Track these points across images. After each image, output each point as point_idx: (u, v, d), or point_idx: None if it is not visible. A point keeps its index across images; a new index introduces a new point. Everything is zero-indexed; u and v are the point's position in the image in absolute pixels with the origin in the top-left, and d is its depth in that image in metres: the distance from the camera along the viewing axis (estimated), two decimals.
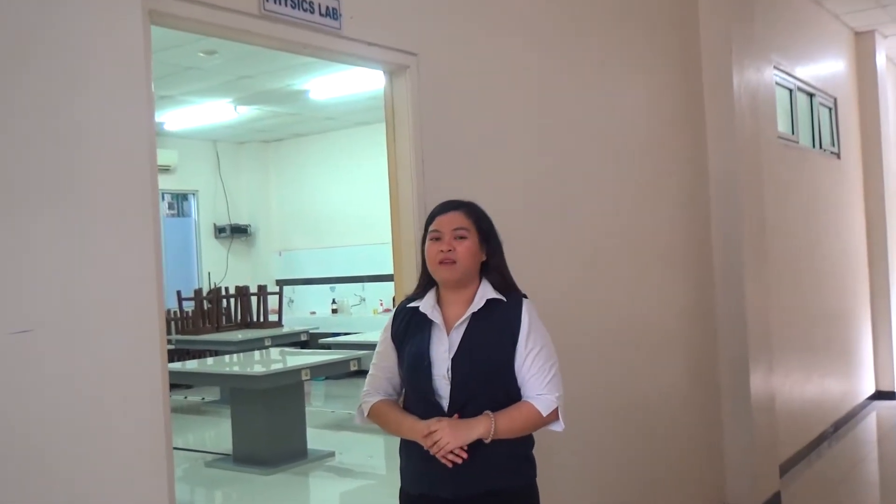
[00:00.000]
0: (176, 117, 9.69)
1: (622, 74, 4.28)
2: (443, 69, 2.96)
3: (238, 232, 11.64)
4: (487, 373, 2.28)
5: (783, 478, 5.48)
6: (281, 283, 11.49)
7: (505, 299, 2.33)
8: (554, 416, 2.30)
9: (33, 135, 1.67)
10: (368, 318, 10.57)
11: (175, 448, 7.22)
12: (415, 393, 2.35)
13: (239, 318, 10.13)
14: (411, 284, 2.74)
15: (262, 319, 10.10)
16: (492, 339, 2.29)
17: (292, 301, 11.65)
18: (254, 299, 10.18)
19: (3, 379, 1.58)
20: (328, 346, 8.23)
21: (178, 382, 9.54)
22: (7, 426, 1.59)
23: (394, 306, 2.79)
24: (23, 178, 1.64)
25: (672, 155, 4.72)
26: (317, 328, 10.12)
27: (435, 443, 2.19)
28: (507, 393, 2.30)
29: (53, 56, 1.72)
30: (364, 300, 11.06)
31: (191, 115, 9.56)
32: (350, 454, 7.07)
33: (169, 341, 9.88)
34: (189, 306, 10.34)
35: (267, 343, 9.08)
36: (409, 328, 2.38)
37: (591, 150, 3.95)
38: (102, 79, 1.80)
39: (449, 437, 2.19)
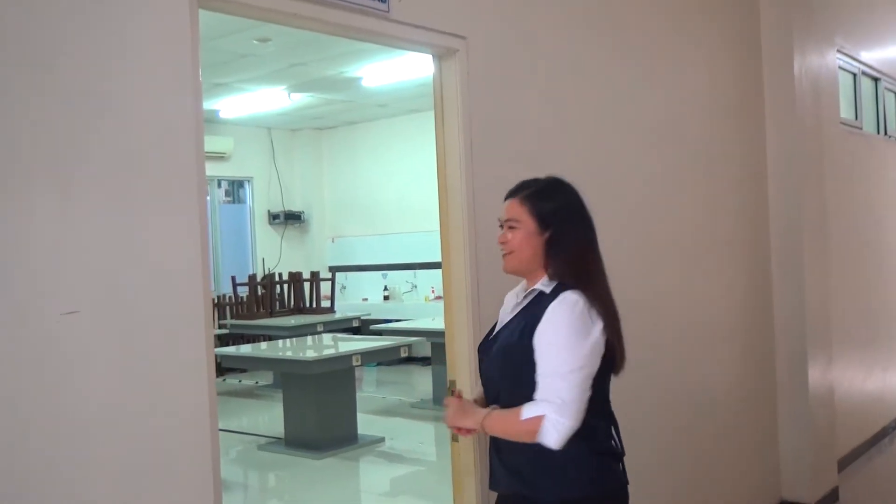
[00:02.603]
0: (231, 105, 9.80)
1: (680, 59, 4.18)
2: (493, 53, 2.92)
3: (292, 218, 11.75)
4: (501, 366, 2.15)
5: (842, 473, 5.33)
6: (333, 269, 11.57)
7: (548, 291, 2.11)
8: (535, 424, 2.00)
9: (80, 118, 1.68)
10: (420, 306, 10.58)
11: (228, 431, 7.36)
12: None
13: (292, 303, 10.23)
14: (459, 272, 2.72)
15: (314, 305, 10.18)
16: (515, 331, 2.13)
17: (345, 288, 11.72)
18: (307, 285, 10.26)
19: (53, 359, 1.59)
20: (380, 333, 8.27)
21: (233, 366, 9.72)
22: (55, 406, 1.61)
23: (443, 286, 2.78)
24: (69, 161, 1.65)
25: (730, 141, 4.60)
26: (368, 315, 10.17)
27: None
28: (530, 389, 2.07)
29: (101, 40, 1.73)
30: (416, 287, 11.07)
31: (245, 102, 9.65)
32: (401, 440, 7.10)
33: (223, 326, 10.05)
34: (244, 292, 10.48)
35: (319, 329, 9.16)
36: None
37: (647, 136, 3.87)
38: (149, 62, 1.80)
39: (449, 414, 2.17)
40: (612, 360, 2.11)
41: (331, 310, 10.25)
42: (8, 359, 1.52)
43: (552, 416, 1.98)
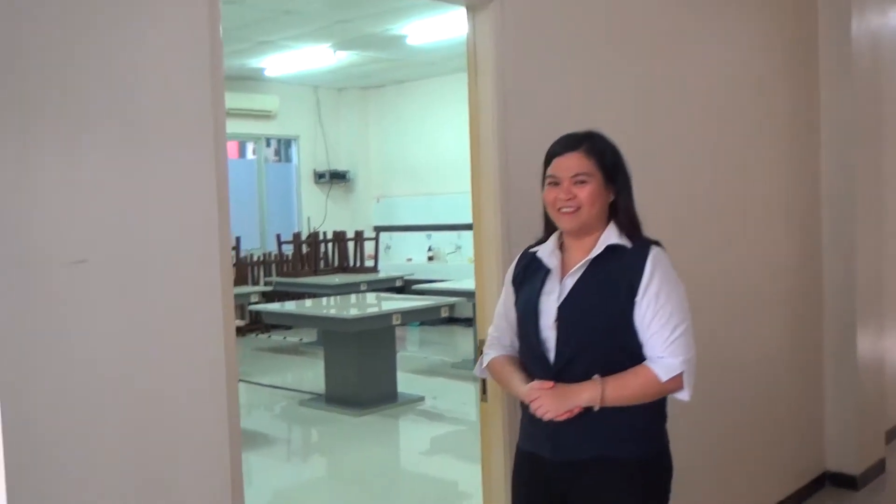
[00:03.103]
0: (276, 62, 9.78)
1: (729, 16, 4.01)
2: (529, 5, 2.81)
3: (337, 178, 11.76)
4: (596, 326, 2.07)
5: (889, 445, 5.20)
6: (378, 229, 11.58)
7: (630, 245, 2.11)
8: (676, 383, 2.05)
9: (90, 61, 1.64)
10: (464, 266, 10.55)
11: (272, 386, 7.45)
12: (524, 344, 2.21)
13: (336, 262, 10.27)
14: (491, 233, 2.65)
15: (358, 265, 10.22)
16: (606, 288, 2.07)
17: (389, 247, 11.74)
18: (351, 245, 10.29)
19: (58, 311, 1.58)
20: (422, 293, 8.27)
21: (276, 323, 9.83)
22: (63, 356, 1.60)
23: (474, 244, 2.73)
24: (79, 103, 1.62)
25: (781, 103, 4.43)
26: (412, 275, 10.18)
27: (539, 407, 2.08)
28: (625, 352, 2.07)
29: None
30: (460, 248, 11.03)
31: (291, 60, 9.62)
32: (441, 399, 7.12)
33: (268, 283, 10.15)
34: (288, 250, 10.56)
35: (362, 287, 9.20)
36: (527, 274, 2.24)
37: (692, 97, 3.73)
38: (164, 5, 1.76)
39: (549, 406, 2.05)
40: None
41: (374, 269, 10.28)
42: (9, 308, 1.50)
43: (689, 370, 2.06)
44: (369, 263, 10.40)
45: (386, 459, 5.70)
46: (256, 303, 8.76)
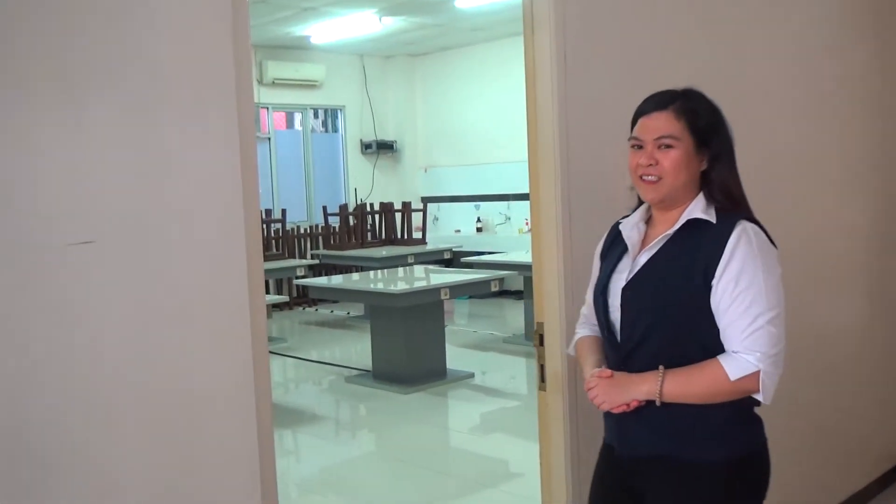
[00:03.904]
0: (321, 30, 9.58)
1: None
2: None
3: (384, 148, 11.57)
4: (664, 310, 1.84)
5: None
6: (426, 200, 11.38)
7: (715, 221, 1.84)
8: (750, 383, 1.76)
9: (96, 25, 1.44)
10: (513, 238, 10.33)
11: (319, 362, 7.34)
12: (599, 326, 2.02)
13: (383, 234, 10.12)
14: (549, 204, 2.41)
15: (406, 236, 10.05)
16: (679, 267, 1.83)
17: (437, 219, 11.54)
18: (398, 216, 10.12)
19: (61, 297, 1.39)
20: (471, 265, 8.07)
21: (322, 297, 9.73)
22: (68, 347, 1.41)
23: (530, 216, 2.50)
24: (83, 65, 1.41)
25: (860, 62, 4.07)
26: (461, 246, 9.99)
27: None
28: (698, 343, 1.82)
29: None
30: (509, 219, 10.80)
31: (336, 27, 9.41)
32: (491, 375, 6.93)
33: (314, 256, 10.04)
34: (335, 222, 10.43)
35: (410, 260, 9.03)
36: (611, 248, 2.05)
37: (765, 57, 3.41)
38: None
39: (604, 396, 1.87)
40: None
41: (422, 241, 10.09)
42: (9, 291, 1.32)
43: (769, 369, 1.75)
44: (417, 235, 10.22)
45: (435, 437, 5.53)
46: (303, 276, 8.65)
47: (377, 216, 10.26)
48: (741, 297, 1.76)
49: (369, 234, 10.22)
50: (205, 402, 1.58)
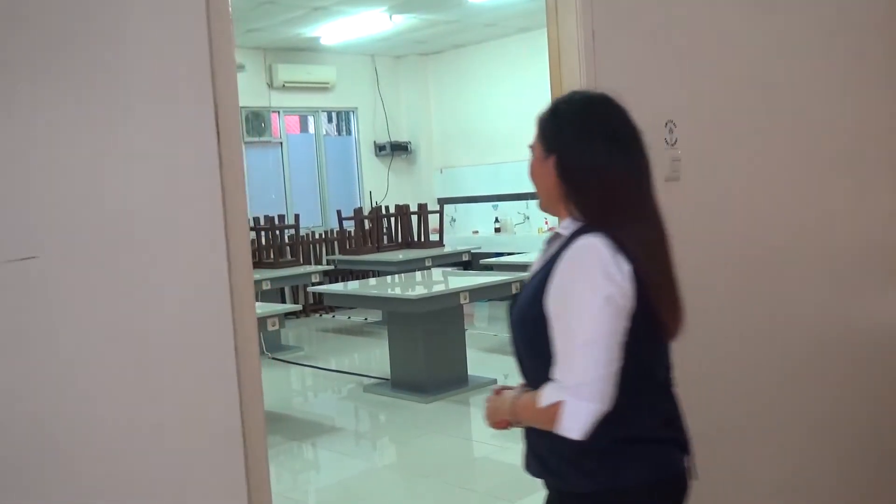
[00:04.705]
0: (331, 30, 9.38)
1: None
2: None
3: (398, 149, 11.36)
4: (520, 327, 1.72)
5: None
6: (442, 201, 11.17)
7: (568, 235, 1.65)
8: (553, 413, 1.58)
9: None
10: (533, 237, 10.09)
11: (336, 371, 7.15)
12: None
13: (400, 237, 9.91)
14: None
15: (422, 239, 9.83)
16: (532, 286, 1.69)
17: (454, 220, 11.32)
18: (414, 218, 9.90)
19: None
20: (490, 267, 7.83)
21: (337, 304, 9.52)
22: (9, 374, 1.18)
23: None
24: (22, 43, 1.19)
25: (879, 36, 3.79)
26: (479, 248, 9.76)
27: None
28: (547, 365, 1.65)
29: None
30: (528, 218, 10.56)
31: (346, 27, 9.21)
32: (514, 380, 6.65)
33: (330, 262, 9.83)
34: (350, 226, 10.23)
35: (427, 263, 8.81)
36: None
37: (807, 31, 3.15)
38: None
39: (486, 413, 1.84)
40: (652, 320, 1.62)
41: (440, 243, 9.87)
42: None
43: (571, 400, 1.57)
44: (434, 237, 9.99)
45: (457, 448, 5.29)
46: (318, 283, 8.44)
47: (393, 219, 10.05)
48: (558, 319, 1.60)
49: (385, 237, 10.00)
50: (178, 433, 1.35)
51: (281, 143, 10.63)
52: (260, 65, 10.16)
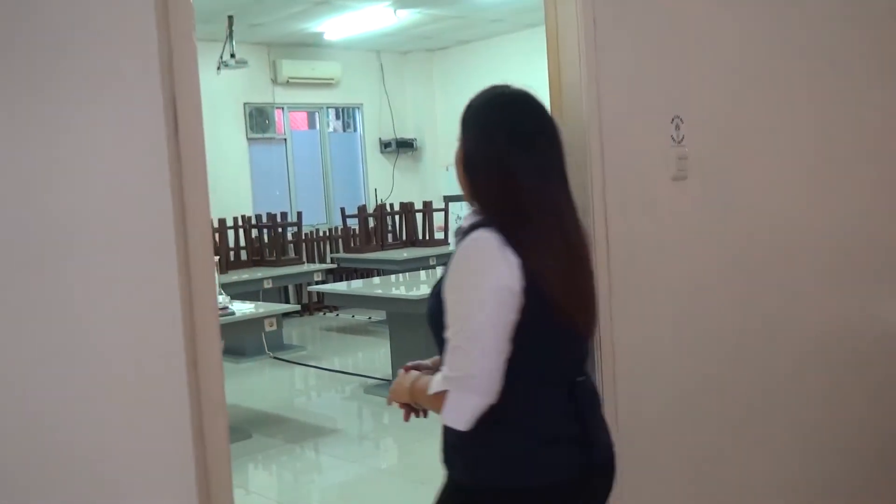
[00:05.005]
0: (335, 26, 9.26)
1: None
2: None
3: (404, 146, 11.23)
4: (431, 326, 1.73)
5: None
6: (448, 199, 11.01)
7: (466, 227, 1.66)
8: (439, 402, 1.61)
9: None
10: None
11: (339, 371, 7.03)
12: None
13: (404, 236, 9.78)
14: (578, 202, 2.04)
15: (427, 237, 9.70)
16: (438, 280, 1.71)
17: (460, 218, 11.14)
18: (419, 216, 9.77)
19: None
20: None
21: (338, 304, 9.40)
22: None
23: None
24: None
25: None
26: None
27: None
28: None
29: None
30: None
31: (350, 22, 9.09)
32: None
33: (333, 260, 9.71)
34: (354, 224, 10.12)
35: (432, 262, 8.69)
36: None
37: (822, 23, 3.01)
38: None
39: (390, 390, 1.88)
40: (550, 316, 1.60)
41: (444, 242, 9.74)
42: None
43: (454, 391, 1.58)
44: (439, 236, 9.86)
45: None
46: (321, 281, 8.32)
47: (397, 217, 9.93)
48: (448, 312, 1.61)
49: (390, 235, 9.88)
50: (115, 479, 1.23)
51: (285, 140, 10.51)
52: (264, 60, 10.04)
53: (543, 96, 2.18)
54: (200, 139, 1.24)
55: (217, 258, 6.54)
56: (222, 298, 5.37)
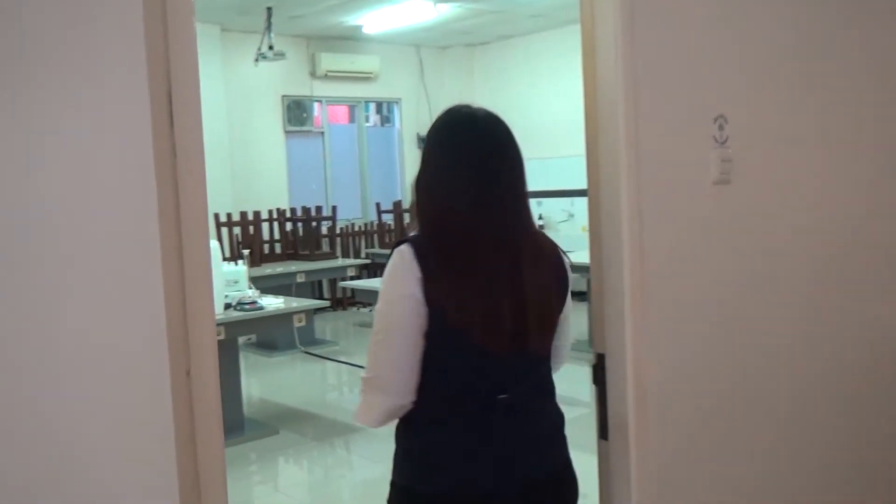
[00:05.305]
0: (375, 19, 9.17)
1: None
2: None
3: None
4: None
5: None
6: None
7: (395, 242, 1.78)
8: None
9: None
10: (577, 237, 9.77)
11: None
12: None
13: None
14: (612, 207, 1.91)
15: None
16: None
17: None
18: None
19: None
20: None
21: (369, 301, 9.33)
22: None
23: (588, 223, 2.02)
24: None
25: None
26: None
27: None
28: None
29: None
30: (573, 216, 10.25)
31: (390, 15, 9.00)
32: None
33: (367, 255, 9.66)
34: (389, 219, 10.05)
35: None
36: None
37: (877, 18, 2.84)
38: None
39: None
40: (446, 329, 1.64)
41: None
42: None
43: (365, 391, 1.73)
44: None
45: None
46: (355, 276, 8.26)
47: None
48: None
49: None
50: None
51: (322, 134, 10.47)
52: (302, 53, 10.00)
53: (580, 91, 2.06)
54: (199, 134, 1.15)
55: (249, 251, 6.49)
56: (251, 293, 5.32)
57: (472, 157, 1.72)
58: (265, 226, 8.83)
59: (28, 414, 1.14)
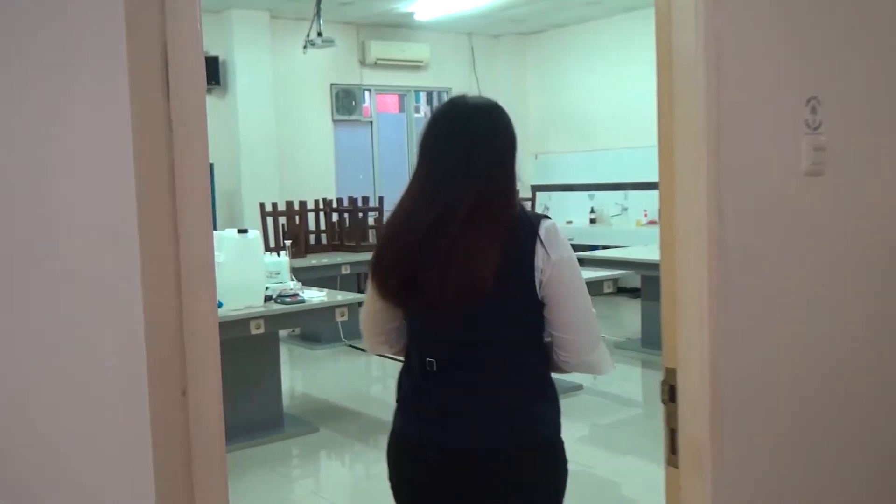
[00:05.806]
0: (426, 6, 8.97)
1: None
2: None
3: None
4: None
5: None
6: (535, 188, 10.67)
7: None
8: None
9: None
10: (630, 231, 9.49)
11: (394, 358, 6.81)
12: None
13: None
14: (689, 203, 1.67)
15: None
16: None
17: (548, 208, 10.79)
18: None
19: None
20: (582, 261, 7.29)
21: None
22: None
23: (659, 218, 1.79)
24: None
25: None
26: (573, 239, 9.12)
27: None
28: None
29: None
30: (626, 210, 9.95)
31: (441, 2, 8.79)
32: (603, 383, 6.16)
33: None
34: None
35: None
36: None
37: None
38: None
39: None
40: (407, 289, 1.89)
41: None
42: None
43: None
44: None
45: None
46: None
47: None
48: None
49: None
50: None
51: (371, 123, 10.31)
52: (352, 40, 9.84)
53: (642, 82, 1.82)
54: (201, 106, 0.95)
55: (291, 242, 6.35)
56: (293, 285, 5.17)
57: (443, 142, 1.98)
58: (311, 216, 8.70)
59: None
